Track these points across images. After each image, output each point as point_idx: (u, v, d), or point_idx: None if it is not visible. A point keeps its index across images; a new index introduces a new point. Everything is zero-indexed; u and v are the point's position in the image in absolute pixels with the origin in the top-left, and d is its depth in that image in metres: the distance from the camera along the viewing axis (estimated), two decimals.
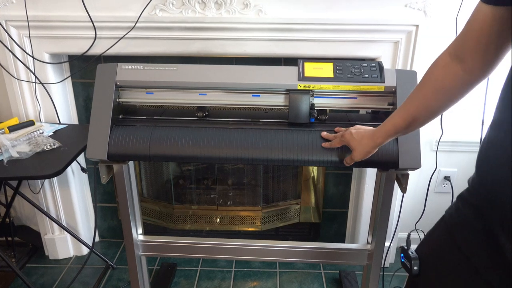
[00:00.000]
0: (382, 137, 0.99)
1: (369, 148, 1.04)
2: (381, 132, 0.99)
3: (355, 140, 1.06)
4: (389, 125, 0.95)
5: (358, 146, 1.06)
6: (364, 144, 1.04)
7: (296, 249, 1.45)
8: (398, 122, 0.92)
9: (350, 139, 1.08)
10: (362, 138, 1.05)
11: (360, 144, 1.05)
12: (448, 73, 0.77)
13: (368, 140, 1.03)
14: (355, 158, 1.08)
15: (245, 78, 1.20)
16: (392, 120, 0.94)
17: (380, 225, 1.32)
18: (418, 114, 0.86)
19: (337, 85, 1.18)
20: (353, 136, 1.07)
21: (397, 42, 1.59)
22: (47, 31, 1.60)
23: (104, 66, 1.21)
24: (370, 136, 1.03)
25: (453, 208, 0.83)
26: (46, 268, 1.98)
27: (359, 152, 1.06)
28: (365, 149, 1.05)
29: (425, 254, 0.90)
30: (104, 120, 1.17)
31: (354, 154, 1.08)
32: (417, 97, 0.86)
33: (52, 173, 1.32)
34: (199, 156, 1.16)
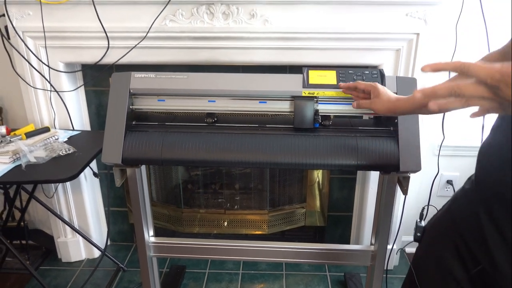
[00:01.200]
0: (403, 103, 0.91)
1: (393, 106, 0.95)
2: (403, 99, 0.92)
3: (384, 93, 1.00)
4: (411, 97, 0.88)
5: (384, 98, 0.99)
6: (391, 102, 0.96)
7: (302, 250, 1.49)
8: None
9: (379, 89, 1.02)
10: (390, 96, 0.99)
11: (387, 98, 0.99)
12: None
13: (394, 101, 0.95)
14: (375, 104, 1.01)
15: (252, 85, 1.25)
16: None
17: (383, 226, 1.37)
18: None
19: (340, 91, 1.23)
20: (382, 88, 1.02)
21: (398, 50, 1.64)
22: (62, 42, 1.67)
23: (118, 75, 1.27)
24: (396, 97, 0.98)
25: (460, 188, 0.92)
26: (59, 271, 2.04)
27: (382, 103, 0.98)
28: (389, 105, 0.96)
29: (428, 225, 1.01)
30: (118, 126, 1.23)
31: (375, 101, 1.01)
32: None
33: (68, 177, 1.38)
34: (208, 160, 1.22)
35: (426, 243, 1.00)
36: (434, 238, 0.97)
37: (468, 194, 0.87)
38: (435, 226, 0.98)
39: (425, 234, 1.00)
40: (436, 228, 0.97)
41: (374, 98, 1.04)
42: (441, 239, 0.93)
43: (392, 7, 1.56)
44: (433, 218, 1.01)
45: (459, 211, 0.89)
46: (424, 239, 1.01)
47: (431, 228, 0.99)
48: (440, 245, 0.93)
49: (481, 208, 0.80)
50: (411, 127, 1.19)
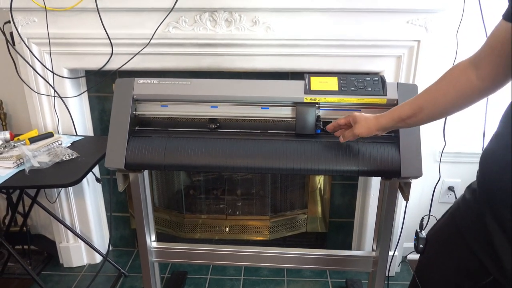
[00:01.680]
0: (386, 119, 1.04)
1: (371, 124, 1.08)
2: (386, 115, 1.05)
3: (362, 116, 1.12)
4: (395, 111, 1.02)
5: (362, 120, 1.11)
6: (368, 120, 1.09)
7: (304, 256, 1.50)
8: (404, 110, 0.98)
9: (357, 115, 1.13)
10: (368, 117, 1.10)
11: (365, 120, 1.10)
12: (463, 75, 0.84)
13: (373, 119, 1.08)
14: (356, 131, 1.11)
15: (254, 91, 1.27)
16: (399, 107, 1.01)
17: (384, 232, 1.37)
18: (425, 105, 0.92)
19: (342, 98, 1.24)
20: (361, 113, 1.14)
21: (399, 57, 1.65)
22: (66, 48, 1.69)
23: (122, 81, 1.29)
24: (374, 117, 1.09)
25: (460, 196, 0.92)
26: (61, 276, 2.04)
27: (361, 125, 1.10)
28: (367, 123, 1.09)
29: (430, 235, 1.00)
30: (121, 131, 1.24)
31: (356, 127, 1.12)
32: (429, 90, 0.92)
33: (71, 182, 1.39)
34: (211, 165, 1.23)
35: (429, 254, 0.99)
36: (438, 250, 0.96)
37: (471, 203, 0.86)
38: (438, 237, 0.97)
39: (428, 245, 1.00)
40: (440, 239, 0.96)
41: (354, 125, 1.13)
42: (446, 251, 0.92)
43: (393, 14, 1.57)
44: (434, 229, 1.01)
45: (463, 220, 0.88)
46: (427, 250, 1.00)
47: (434, 239, 0.98)
48: (445, 257, 0.92)
49: (487, 216, 0.79)
50: (412, 132, 1.20)
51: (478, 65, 0.81)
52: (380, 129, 1.08)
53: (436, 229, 0.99)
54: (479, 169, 0.85)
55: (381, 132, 1.11)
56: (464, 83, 0.84)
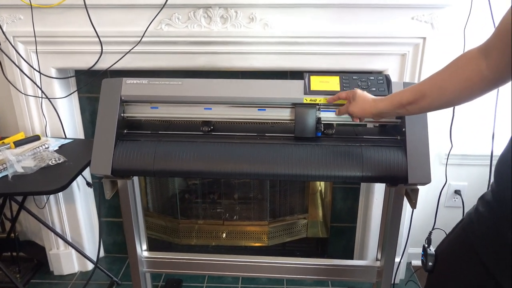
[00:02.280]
0: (384, 103, 0.98)
1: (368, 106, 1.03)
2: (386, 98, 0.98)
3: (361, 94, 1.06)
4: (395, 95, 0.95)
5: (360, 98, 1.05)
6: (366, 102, 1.03)
7: (303, 266, 1.42)
8: (405, 95, 0.91)
9: (358, 92, 1.07)
10: (367, 96, 1.05)
11: (363, 100, 1.04)
12: (472, 64, 0.77)
13: (372, 101, 1.03)
14: (351, 108, 1.07)
15: (250, 92, 1.19)
16: (400, 92, 0.94)
17: (390, 241, 1.29)
18: (429, 92, 0.86)
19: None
20: (363, 92, 1.07)
21: (404, 54, 1.57)
22: (54, 47, 1.61)
23: (109, 81, 1.20)
24: (374, 99, 1.03)
25: (472, 209, 0.84)
26: (51, 284, 1.96)
27: (357, 104, 1.05)
28: (364, 104, 1.04)
29: (440, 252, 0.92)
30: (108, 135, 1.16)
31: (351, 104, 1.07)
32: (434, 77, 0.86)
33: (56, 188, 1.31)
34: (204, 171, 1.15)
35: (440, 274, 0.91)
36: (449, 268, 0.88)
37: (485, 218, 0.78)
38: (449, 254, 0.89)
39: (438, 263, 0.92)
40: (451, 257, 0.88)
41: (352, 102, 1.08)
42: (458, 270, 0.84)
43: (397, 10, 1.49)
44: (443, 244, 0.92)
45: (477, 237, 0.80)
46: (437, 268, 0.92)
47: (445, 257, 0.90)
48: (458, 277, 0.84)
49: (506, 232, 0.71)
50: (419, 135, 1.12)
51: (488, 54, 0.74)
52: (377, 113, 1.02)
53: (446, 245, 0.91)
54: (494, 179, 0.77)
55: (377, 118, 1.06)
56: (472, 72, 0.77)
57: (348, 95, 1.10)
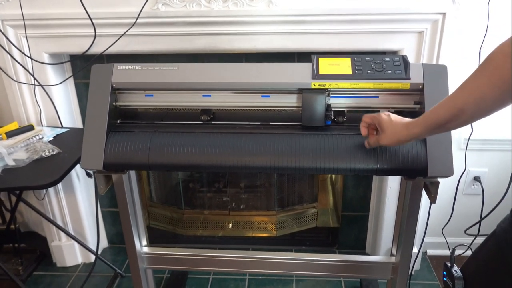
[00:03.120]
0: (419, 127, 0.86)
1: (400, 136, 0.90)
2: (419, 122, 0.86)
3: (389, 122, 0.93)
4: (430, 116, 0.83)
5: (389, 129, 0.92)
6: (397, 130, 0.91)
7: (313, 262, 1.33)
8: (441, 113, 0.79)
9: (384, 119, 0.94)
10: (396, 123, 0.92)
11: (392, 127, 0.92)
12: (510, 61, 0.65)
13: (403, 127, 0.90)
14: (382, 141, 0.94)
15: (253, 77, 1.08)
16: (434, 111, 0.82)
17: (406, 237, 1.19)
18: (466, 105, 0.74)
19: (356, 83, 1.05)
20: (389, 117, 0.94)
21: (421, 32, 1.44)
22: (44, 30, 1.51)
23: (99, 67, 1.11)
24: (405, 124, 0.90)
25: (505, 221, 0.74)
26: (54, 277, 1.91)
27: (388, 136, 0.93)
28: (396, 135, 0.91)
29: (471, 273, 0.82)
30: (99, 126, 1.07)
31: (381, 136, 0.94)
32: (468, 87, 0.74)
33: (48, 183, 1.23)
34: (203, 165, 1.05)
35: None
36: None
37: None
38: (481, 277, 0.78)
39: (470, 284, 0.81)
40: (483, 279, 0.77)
41: (380, 133, 0.96)
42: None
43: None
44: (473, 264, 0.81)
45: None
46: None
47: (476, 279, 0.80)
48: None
49: None
50: None
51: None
52: (412, 140, 0.91)
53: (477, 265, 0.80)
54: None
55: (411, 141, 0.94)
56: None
57: (373, 121, 0.98)
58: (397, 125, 0.91)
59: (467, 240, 1.71)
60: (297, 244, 2.00)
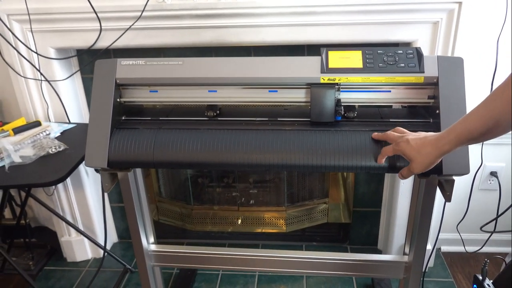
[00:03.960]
0: (451, 144, 0.80)
1: (432, 157, 0.84)
2: (450, 138, 0.79)
3: (413, 148, 0.86)
4: (462, 129, 0.77)
5: (417, 156, 0.86)
6: (426, 154, 0.84)
7: (324, 261, 1.30)
8: (475, 126, 0.73)
9: (406, 148, 0.88)
10: (422, 146, 0.85)
11: (420, 153, 0.85)
12: None
13: (431, 148, 0.83)
14: (415, 170, 0.88)
15: (260, 71, 1.04)
16: (466, 123, 0.76)
17: (420, 235, 1.15)
18: (503, 116, 0.68)
19: (367, 77, 1.01)
20: (410, 144, 0.87)
21: (436, 23, 1.39)
22: (50, 25, 1.49)
23: (102, 63, 1.08)
24: (433, 143, 0.83)
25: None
26: (64, 272, 1.91)
27: (419, 163, 0.86)
28: (427, 159, 0.85)
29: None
30: (103, 123, 1.05)
31: (413, 166, 0.88)
32: (504, 95, 0.68)
33: (54, 180, 1.21)
34: (209, 162, 1.02)
35: None
36: None
37: None
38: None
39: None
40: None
41: (410, 162, 0.90)
42: None
43: None
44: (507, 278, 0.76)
45: None
46: None
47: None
48: None
49: None
50: (456, 118, 0.96)
51: None
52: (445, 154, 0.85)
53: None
54: None
55: None
56: None
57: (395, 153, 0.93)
58: (424, 149, 0.85)
59: (482, 237, 1.67)
60: (307, 240, 1.97)
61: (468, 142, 0.78)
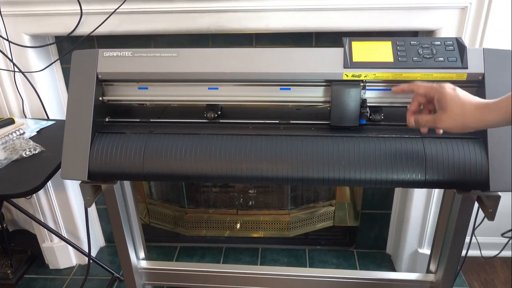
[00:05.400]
0: (498, 113, 0.66)
1: (470, 119, 0.69)
2: (499, 107, 0.66)
3: (458, 98, 0.70)
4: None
5: (455, 107, 0.70)
6: (467, 111, 0.69)
7: (334, 280, 1.15)
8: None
9: (449, 93, 0.71)
10: (468, 101, 0.70)
11: (460, 106, 0.70)
12: None
13: (476, 109, 0.69)
14: (441, 122, 0.72)
15: (270, 65, 0.88)
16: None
17: (451, 253, 1.01)
18: None
19: (399, 73, 0.84)
20: (456, 91, 0.71)
21: (464, 8, 1.22)
22: (22, 7, 1.30)
23: (81, 54, 0.90)
24: (480, 106, 0.69)
25: None
26: (46, 280, 1.75)
27: (452, 116, 0.71)
28: (464, 117, 0.70)
29: None
30: (83, 126, 0.88)
31: (441, 116, 0.72)
32: None
33: (27, 190, 1.04)
34: (209, 175, 0.86)
35: None
36: None
37: None
38: None
39: None
40: None
41: (440, 111, 0.73)
42: None
43: None
44: None
45: None
46: None
47: None
48: None
49: None
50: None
51: None
52: (482, 128, 0.70)
53: None
54: None
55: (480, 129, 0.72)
56: None
57: (431, 93, 0.75)
58: (466, 104, 0.69)
59: (500, 241, 1.54)
60: (311, 243, 1.83)
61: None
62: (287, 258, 1.78)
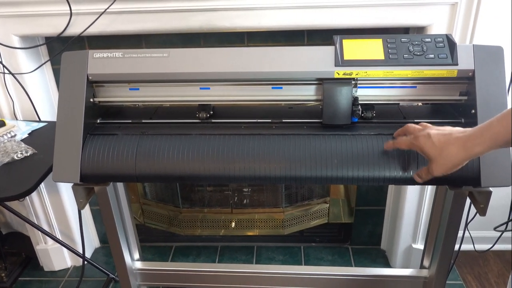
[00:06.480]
0: (484, 145, 0.66)
1: (457, 159, 0.70)
2: (484, 138, 0.66)
3: (434, 146, 0.72)
4: (496, 131, 0.64)
5: (439, 157, 0.72)
6: (450, 154, 0.70)
7: (329, 277, 1.16)
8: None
9: (426, 144, 0.73)
10: (446, 145, 0.71)
11: (442, 153, 0.71)
12: None
13: (458, 148, 0.69)
14: (435, 172, 0.74)
15: (261, 64, 0.88)
16: (502, 124, 0.63)
17: (444, 248, 1.02)
18: None
19: (390, 70, 0.85)
20: (431, 140, 0.72)
21: (454, 4, 1.23)
22: (11, 8, 1.29)
23: (70, 55, 0.90)
24: (460, 142, 0.69)
25: None
26: (41, 282, 1.74)
27: (440, 165, 0.72)
28: (450, 161, 0.71)
29: None
30: (74, 128, 0.87)
31: (433, 167, 0.74)
32: None
33: (19, 193, 1.04)
34: (203, 175, 0.86)
35: None
36: None
37: None
38: None
39: None
40: None
41: (429, 161, 0.75)
42: None
43: None
44: None
45: None
46: None
47: None
48: None
49: None
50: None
51: None
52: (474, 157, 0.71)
53: None
54: None
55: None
56: None
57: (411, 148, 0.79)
58: (448, 149, 0.70)
59: (493, 235, 1.55)
60: (305, 241, 1.83)
61: (506, 144, 0.64)
62: (283, 256, 1.78)
